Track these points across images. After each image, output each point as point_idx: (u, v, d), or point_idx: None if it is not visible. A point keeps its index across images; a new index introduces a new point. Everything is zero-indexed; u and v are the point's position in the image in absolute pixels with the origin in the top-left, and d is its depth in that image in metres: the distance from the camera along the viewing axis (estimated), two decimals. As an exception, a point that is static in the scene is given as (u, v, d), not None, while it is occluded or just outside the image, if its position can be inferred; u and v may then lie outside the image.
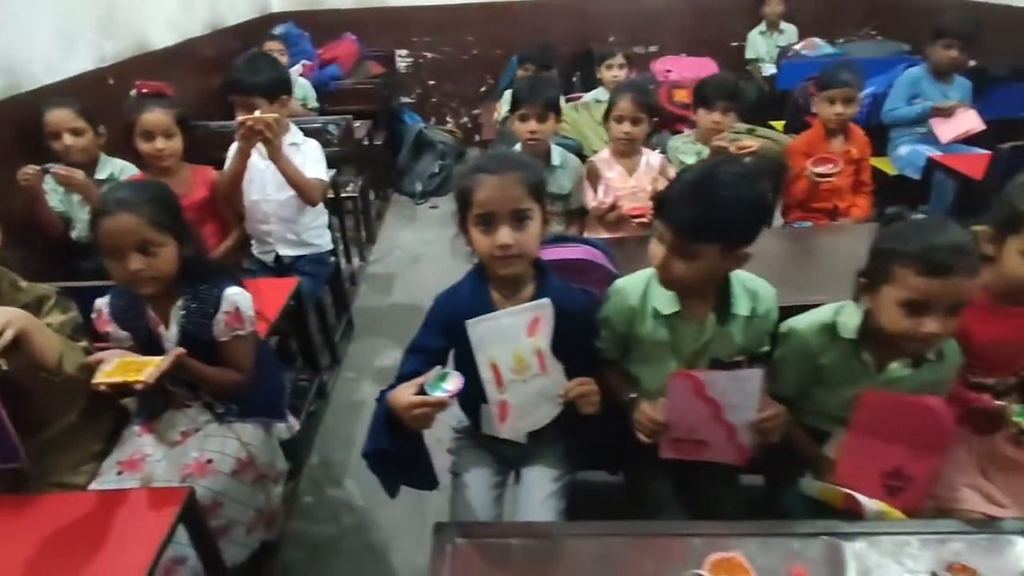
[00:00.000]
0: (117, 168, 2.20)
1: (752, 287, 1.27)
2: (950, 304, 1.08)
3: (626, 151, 2.22)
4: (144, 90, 2.32)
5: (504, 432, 1.20)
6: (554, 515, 1.26)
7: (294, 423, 1.69)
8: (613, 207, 2.20)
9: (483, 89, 4.95)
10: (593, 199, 2.22)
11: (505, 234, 1.14)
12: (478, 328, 1.14)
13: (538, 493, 1.29)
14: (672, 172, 2.31)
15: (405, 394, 1.07)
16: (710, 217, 1.10)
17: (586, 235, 2.29)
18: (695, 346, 1.27)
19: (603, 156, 2.25)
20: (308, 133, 2.61)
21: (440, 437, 1.41)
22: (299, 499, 1.95)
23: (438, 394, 1.06)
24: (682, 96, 3.39)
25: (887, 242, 1.15)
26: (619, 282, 1.34)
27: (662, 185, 2.25)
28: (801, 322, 1.32)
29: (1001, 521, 1.12)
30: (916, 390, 1.22)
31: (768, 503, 1.45)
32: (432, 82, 5.09)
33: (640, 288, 1.29)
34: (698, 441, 1.20)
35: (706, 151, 2.34)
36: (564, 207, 2.28)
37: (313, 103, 3.91)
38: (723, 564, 1.01)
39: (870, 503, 1.12)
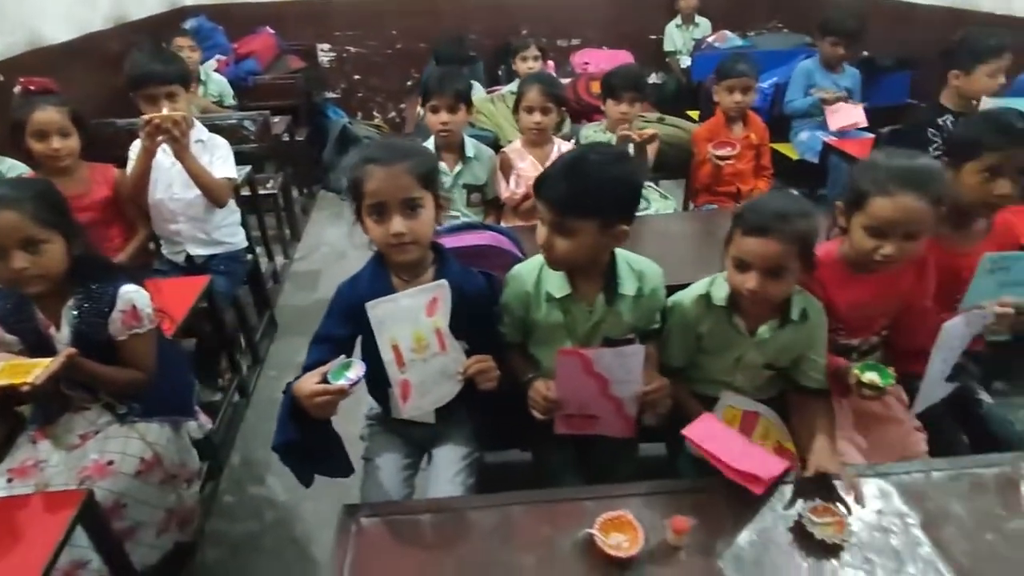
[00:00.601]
0: (6, 167, 2.09)
1: (638, 267, 1.35)
2: (767, 267, 1.20)
3: (537, 141, 2.28)
4: (30, 87, 2.21)
5: (407, 411, 1.24)
6: (463, 491, 1.31)
7: (206, 421, 1.67)
8: (527, 197, 2.26)
9: (409, 83, 4.94)
10: (506, 189, 2.27)
11: (397, 223, 1.18)
12: (378, 310, 1.17)
13: (447, 471, 1.33)
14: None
15: (308, 383, 1.09)
16: (581, 192, 1.18)
17: (501, 224, 2.36)
18: (587, 327, 1.33)
19: (515, 147, 2.31)
20: (222, 130, 2.56)
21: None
22: (219, 499, 1.93)
23: (340, 382, 1.08)
24: (598, 88, 3.49)
25: (737, 213, 1.27)
26: (515, 268, 1.39)
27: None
28: (682, 295, 1.41)
29: (856, 466, 1.24)
30: (783, 349, 1.34)
31: (668, 470, 1.54)
32: (357, 76, 5.03)
33: (534, 274, 1.35)
34: (589, 416, 1.28)
35: (614, 137, 2.44)
36: (482, 197, 2.32)
37: (230, 100, 3.80)
38: (612, 522, 1.08)
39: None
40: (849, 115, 2.98)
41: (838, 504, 1.12)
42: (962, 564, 1.03)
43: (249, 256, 2.51)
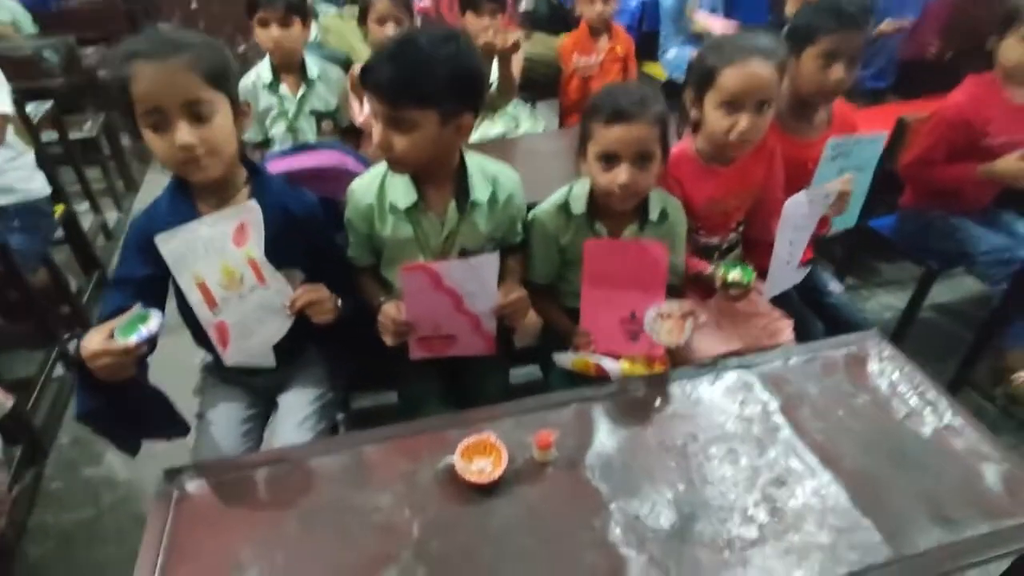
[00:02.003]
0: None
1: (491, 172, 1.23)
2: (635, 154, 1.14)
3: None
4: None
5: (230, 358, 1.07)
6: (311, 437, 1.16)
7: (4, 400, 1.39)
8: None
9: (258, 11, 4.40)
10: (360, 113, 2.05)
11: (183, 132, 0.96)
12: (172, 243, 0.97)
13: (292, 418, 1.18)
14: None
15: (93, 341, 0.87)
16: (411, 77, 1.02)
17: (361, 153, 2.15)
18: (440, 239, 1.21)
19: (366, 63, 2.07)
20: (18, 62, 2.11)
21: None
22: (44, 487, 1.66)
23: (130, 339, 0.88)
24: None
25: (589, 108, 1.19)
26: (355, 181, 1.23)
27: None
28: (541, 207, 1.32)
29: (725, 359, 1.23)
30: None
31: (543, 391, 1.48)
32: (195, 6, 4.41)
33: (376, 184, 1.19)
34: (445, 336, 1.17)
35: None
36: (334, 125, 2.09)
37: (29, 28, 3.19)
38: (474, 447, 0.99)
39: (614, 366, 1.17)
40: (721, 28, 2.97)
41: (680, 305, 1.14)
42: (816, 440, 1.04)
43: (58, 208, 2.12)
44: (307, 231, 1.16)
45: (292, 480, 1.00)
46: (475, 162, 1.21)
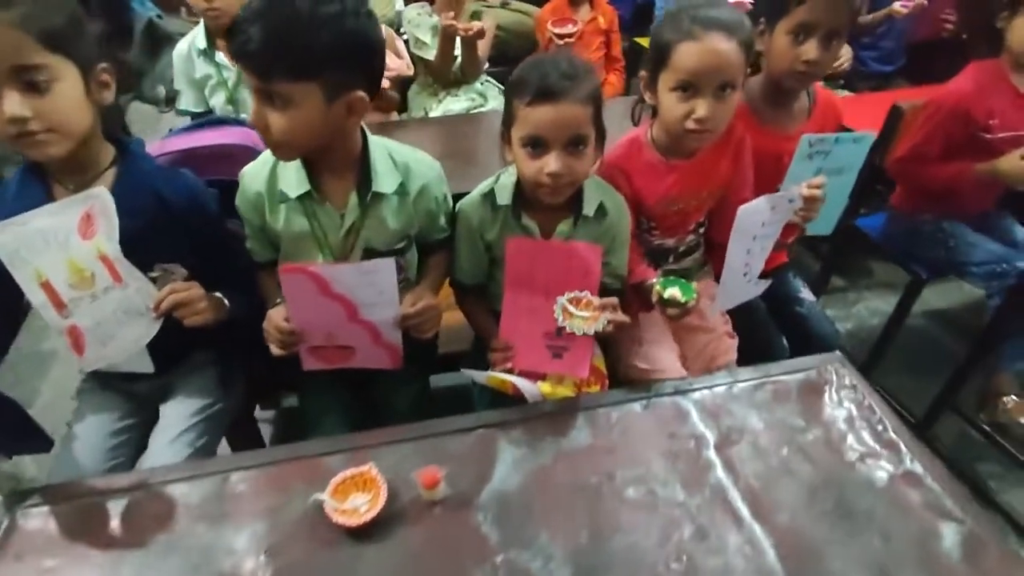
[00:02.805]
0: None
1: (402, 160, 1.07)
2: (566, 139, 0.99)
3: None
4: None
5: (88, 363, 0.94)
6: (188, 455, 1.04)
7: None
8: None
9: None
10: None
11: (11, 103, 0.82)
12: (3, 236, 0.83)
13: (168, 433, 1.05)
14: (400, 45, 2.04)
15: None
16: (282, 42, 0.85)
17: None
18: (340, 235, 1.06)
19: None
20: None
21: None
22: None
23: None
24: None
25: (511, 84, 1.03)
26: (248, 166, 1.08)
27: (391, 60, 1.99)
28: (468, 197, 1.16)
29: (660, 384, 1.08)
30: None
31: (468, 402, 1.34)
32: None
33: (267, 169, 1.04)
34: (341, 347, 1.03)
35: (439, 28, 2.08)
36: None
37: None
38: (352, 481, 0.86)
39: (531, 389, 1.02)
40: None
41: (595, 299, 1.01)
42: (751, 486, 0.90)
43: None
44: (188, 221, 1.02)
45: (145, 510, 0.88)
46: (381, 148, 1.05)
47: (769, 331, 1.37)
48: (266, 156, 1.05)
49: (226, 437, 1.27)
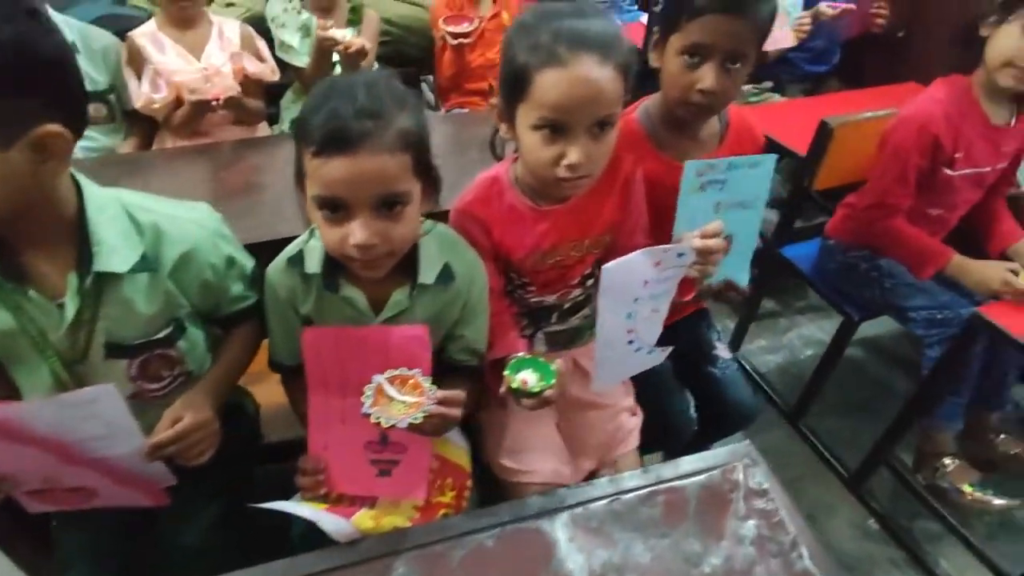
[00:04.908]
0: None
1: (151, 219, 0.77)
2: (372, 200, 0.73)
3: (182, 16, 1.57)
4: None
5: None
6: None
7: None
8: (179, 102, 1.58)
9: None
10: (139, 94, 1.56)
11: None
12: None
13: None
14: (262, 46, 1.73)
15: None
16: None
17: (155, 148, 1.68)
18: (61, 332, 0.75)
19: (148, 29, 1.57)
20: None
21: None
22: None
23: None
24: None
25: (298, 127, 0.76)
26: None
27: (250, 63, 1.69)
28: (274, 261, 0.88)
29: (519, 503, 0.84)
30: (424, 322, 0.87)
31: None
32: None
33: None
34: (75, 489, 0.75)
35: (315, 22, 1.78)
36: (109, 110, 1.60)
37: None
38: None
39: (339, 526, 0.76)
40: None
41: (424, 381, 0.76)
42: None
43: None
44: None
45: None
46: (113, 207, 0.75)
47: (673, 399, 1.15)
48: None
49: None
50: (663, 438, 1.15)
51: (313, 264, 0.84)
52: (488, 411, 1.03)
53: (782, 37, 1.87)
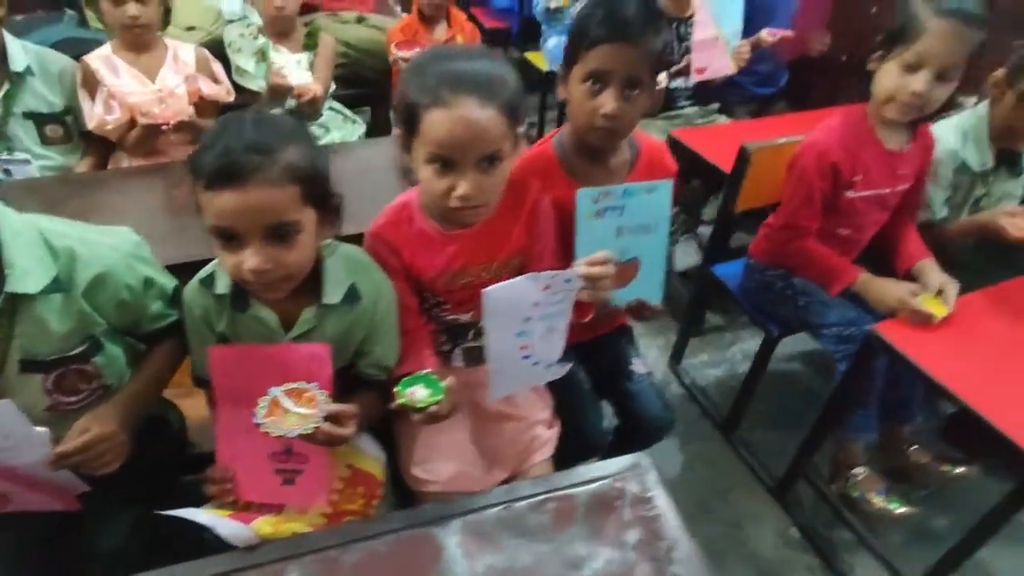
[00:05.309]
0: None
1: (66, 243, 0.82)
2: (264, 230, 0.78)
3: (137, 42, 1.63)
4: None
5: None
6: None
7: None
8: (132, 124, 1.64)
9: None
10: (93, 116, 1.62)
11: None
12: None
13: None
14: (218, 68, 1.79)
15: None
16: None
17: (111, 167, 1.73)
18: None
19: (102, 53, 1.63)
20: None
21: None
22: None
23: None
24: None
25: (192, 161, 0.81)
26: None
27: (205, 85, 1.74)
28: (191, 282, 0.94)
29: (416, 510, 0.89)
30: (334, 343, 0.93)
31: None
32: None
33: None
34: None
35: (271, 47, 1.85)
36: (64, 131, 1.66)
37: None
38: None
39: (239, 532, 0.81)
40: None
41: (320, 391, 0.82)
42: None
43: None
44: None
45: None
46: (29, 232, 0.81)
47: (588, 413, 1.20)
48: None
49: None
50: (581, 451, 1.21)
51: (223, 285, 0.89)
52: (402, 423, 1.08)
53: (723, 65, 1.95)
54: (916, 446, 1.43)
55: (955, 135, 1.40)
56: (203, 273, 0.92)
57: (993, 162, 1.40)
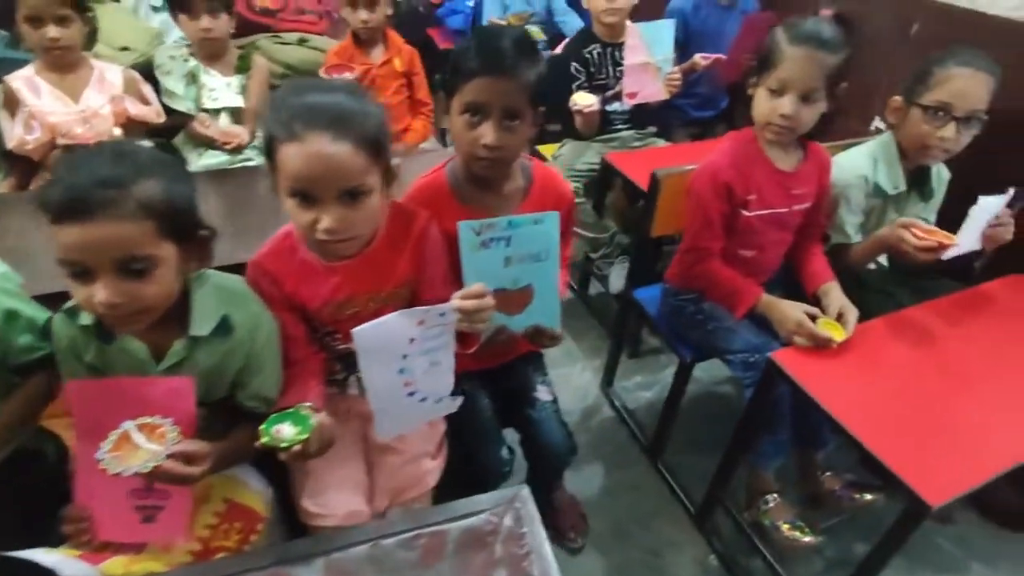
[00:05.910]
0: None
1: None
2: (113, 263, 0.77)
3: (59, 63, 1.62)
4: None
5: None
6: None
7: None
8: (53, 145, 1.62)
9: None
10: (12, 136, 1.60)
11: None
12: None
13: None
14: (147, 89, 1.78)
15: None
16: None
17: (33, 187, 1.71)
18: None
19: (24, 74, 1.62)
20: None
21: None
22: None
23: None
24: (266, 1, 2.80)
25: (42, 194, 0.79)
26: None
27: (132, 106, 1.73)
28: (58, 313, 0.92)
29: (286, 546, 0.88)
30: (208, 376, 0.93)
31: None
32: None
33: None
34: None
35: (201, 70, 1.85)
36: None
37: None
38: None
39: (85, 574, 0.79)
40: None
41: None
42: None
43: None
44: None
45: None
46: None
47: (487, 442, 1.19)
48: None
49: None
50: (479, 480, 1.19)
51: (87, 316, 0.88)
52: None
53: (655, 91, 1.97)
54: (829, 473, 1.43)
55: (865, 160, 1.43)
56: (69, 304, 0.91)
57: (905, 184, 1.42)
